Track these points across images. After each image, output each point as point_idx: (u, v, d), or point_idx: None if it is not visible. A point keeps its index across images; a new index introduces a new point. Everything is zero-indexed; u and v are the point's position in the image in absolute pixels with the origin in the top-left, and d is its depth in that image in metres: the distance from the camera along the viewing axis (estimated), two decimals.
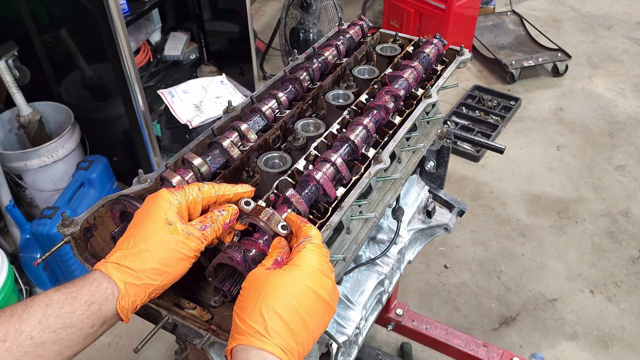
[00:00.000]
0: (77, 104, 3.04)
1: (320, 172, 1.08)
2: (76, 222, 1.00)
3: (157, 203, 0.88)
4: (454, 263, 2.94)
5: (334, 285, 0.87)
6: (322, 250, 0.88)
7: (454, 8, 3.95)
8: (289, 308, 0.79)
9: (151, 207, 0.88)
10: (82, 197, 2.78)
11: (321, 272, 0.85)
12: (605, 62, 4.62)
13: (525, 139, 3.81)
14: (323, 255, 0.87)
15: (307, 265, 0.84)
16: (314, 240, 0.88)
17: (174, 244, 0.85)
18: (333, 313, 0.87)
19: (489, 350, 2.19)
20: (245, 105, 1.32)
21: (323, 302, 0.83)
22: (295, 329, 0.79)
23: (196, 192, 0.93)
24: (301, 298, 0.81)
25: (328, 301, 0.84)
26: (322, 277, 0.84)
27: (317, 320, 0.83)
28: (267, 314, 0.78)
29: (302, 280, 0.82)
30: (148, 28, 3.44)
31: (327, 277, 0.85)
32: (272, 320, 0.78)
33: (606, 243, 3.05)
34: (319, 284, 0.83)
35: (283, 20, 3.99)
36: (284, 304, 0.79)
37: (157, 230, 0.85)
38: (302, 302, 0.81)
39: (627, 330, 2.61)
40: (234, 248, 0.91)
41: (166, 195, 0.90)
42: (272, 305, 0.79)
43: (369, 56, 1.66)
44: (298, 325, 0.80)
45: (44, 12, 2.93)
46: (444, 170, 1.78)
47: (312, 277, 0.83)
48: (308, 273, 0.83)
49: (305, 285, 0.82)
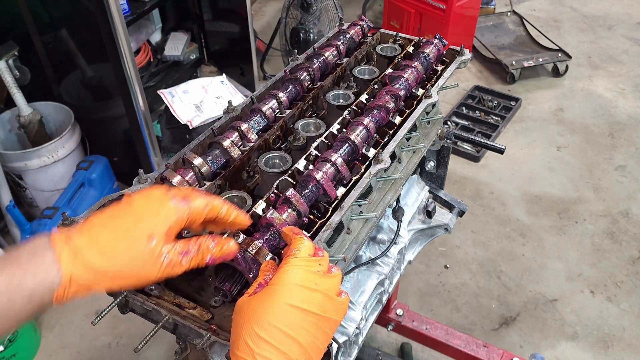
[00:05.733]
0: (77, 104, 3.04)
1: (321, 172, 1.08)
2: (76, 222, 1.00)
3: (154, 210, 0.81)
4: (454, 263, 2.94)
5: (326, 296, 0.82)
6: (307, 262, 0.84)
7: (455, 8, 3.95)
8: (272, 330, 0.77)
9: (145, 210, 0.81)
10: (82, 197, 2.78)
11: (301, 286, 0.81)
12: (605, 62, 4.62)
13: (525, 139, 3.81)
14: (306, 268, 0.83)
15: (283, 282, 0.81)
16: (298, 254, 0.84)
17: (142, 261, 0.78)
18: (331, 323, 0.83)
19: (489, 350, 2.19)
20: (246, 105, 1.32)
21: (312, 316, 0.80)
22: (286, 349, 0.76)
23: (200, 209, 0.85)
24: (283, 317, 0.78)
25: (319, 314, 0.80)
26: (304, 291, 0.80)
27: (311, 335, 0.79)
28: (251, 341, 0.76)
29: (280, 299, 0.79)
30: (148, 28, 3.44)
31: (311, 290, 0.81)
32: (258, 346, 0.76)
33: (606, 243, 3.05)
34: (301, 299, 0.79)
35: (283, 20, 3.99)
36: (267, 327, 0.77)
37: (136, 238, 0.78)
38: (285, 321, 0.78)
39: (628, 330, 2.61)
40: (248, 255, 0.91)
41: (167, 208, 0.82)
42: (256, 331, 0.77)
43: (369, 56, 1.66)
44: (288, 345, 0.77)
45: (44, 12, 2.93)
46: (444, 171, 1.78)
47: (292, 293, 0.79)
48: (286, 290, 0.80)
49: (284, 303, 0.78)
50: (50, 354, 2.55)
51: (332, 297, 0.83)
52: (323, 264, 0.86)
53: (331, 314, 0.83)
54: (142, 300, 1.01)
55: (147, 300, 1.01)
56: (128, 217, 0.80)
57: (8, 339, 2.33)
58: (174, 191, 0.85)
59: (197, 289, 1.05)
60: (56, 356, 2.55)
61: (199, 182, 1.10)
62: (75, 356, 2.54)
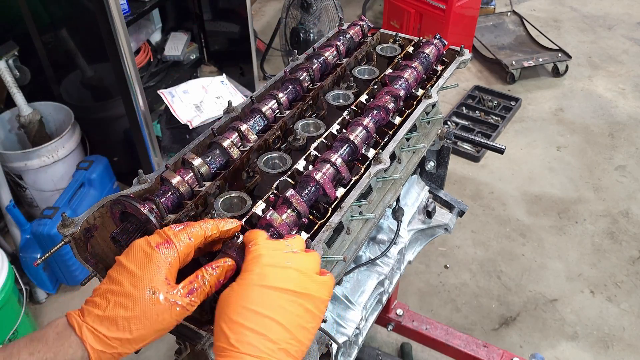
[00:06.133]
0: (77, 104, 3.04)
1: (320, 172, 1.08)
2: (76, 222, 1.00)
3: (144, 265, 0.81)
4: (454, 263, 2.94)
5: (302, 273, 0.82)
6: (272, 243, 0.85)
7: (454, 8, 3.94)
8: (247, 313, 0.77)
9: (137, 269, 0.81)
10: (82, 197, 2.78)
11: (271, 266, 0.81)
12: (605, 62, 4.62)
13: (525, 139, 3.81)
14: (272, 248, 0.84)
15: (252, 266, 0.82)
16: (258, 241, 0.86)
17: (156, 314, 0.79)
18: (315, 301, 0.82)
19: (489, 350, 2.19)
20: (246, 105, 1.32)
21: (290, 293, 0.80)
22: (263, 329, 0.76)
23: (187, 243, 0.86)
24: (256, 299, 0.78)
25: (297, 290, 0.80)
26: (275, 269, 0.81)
27: (292, 313, 0.79)
28: (227, 327, 0.77)
29: (251, 282, 0.80)
30: (148, 28, 3.44)
31: (283, 267, 0.81)
32: (234, 331, 0.76)
33: (606, 243, 3.05)
34: (274, 278, 0.80)
35: (283, 20, 3.99)
36: (241, 311, 0.77)
37: (140, 299, 0.79)
38: (259, 302, 0.78)
39: (628, 330, 2.61)
40: (234, 249, 0.91)
41: (156, 259, 0.82)
42: (230, 317, 0.77)
43: (369, 56, 1.66)
44: (265, 326, 0.77)
45: (44, 12, 2.93)
46: (444, 171, 1.78)
47: (262, 274, 0.80)
48: (256, 273, 0.81)
49: (256, 285, 0.79)
50: None
51: (309, 275, 0.83)
52: (293, 244, 0.87)
53: (312, 290, 0.82)
54: None
55: None
56: (125, 282, 0.81)
57: (8, 339, 2.33)
58: (155, 238, 0.85)
59: None
60: None
61: (199, 182, 1.10)
62: None
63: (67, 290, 2.82)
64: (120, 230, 0.98)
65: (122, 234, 0.97)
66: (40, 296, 2.75)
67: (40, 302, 2.75)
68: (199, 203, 1.08)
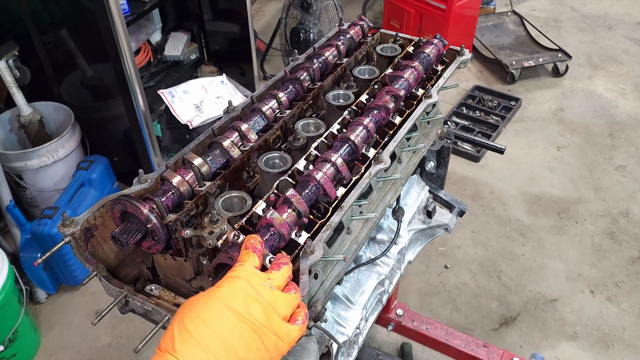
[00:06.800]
0: (77, 104, 3.04)
1: (321, 172, 1.08)
2: (76, 222, 1.00)
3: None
4: (454, 263, 2.94)
5: (268, 311, 0.81)
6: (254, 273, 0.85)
7: (455, 8, 3.94)
8: (201, 325, 0.77)
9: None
10: (82, 197, 2.78)
11: (243, 292, 0.81)
12: (605, 62, 4.62)
13: (525, 139, 3.81)
14: (251, 276, 0.84)
15: (227, 285, 0.82)
16: (245, 264, 0.86)
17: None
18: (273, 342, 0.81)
19: (489, 350, 2.19)
20: (246, 105, 1.32)
21: (248, 324, 0.79)
22: (208, 346, 0.76)
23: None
24: (215, 315, 0.78)
25: (256, 325, 0.79)
26: (245, 298, 0.81)
27: (245, 344, 0.78)
28: (177, 331, 0.77)
29: (218, 299, 0.80)
30: (148, 28, 3.44)
31: (253, 299, 0.81)
32: (182, 336, 0.76)
33: (606, 243, 3.05)
34: (240, 304, 0.80)
35: (283, 20, 3.99)
36: (195, 320, 0.78)
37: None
38: (216, 320, 0.78)
39: (628, 330, 2.61)
40: (234, 248, 0.91)
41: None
42: (185, 322, 0.78)
43: (370, 56, 1.66)
44: (212, 344, 0.76)
45: (45, 12, 2.93)
46: (444, 171, 1.78)
47: (232, 296, 0.80)
48: (228, 292, 0.81)
49: (222, 303, 0.79)
50: (50, 354, 2.55)
51: (274, 317, 0.82)
52: (276, 279, 0.86)
53: (274, 331, 0.81)
54: (142, 300, 1.01)
55: (147, 300, 1.02)
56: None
57: (8, 339, 2.33)
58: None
59: (196, 289, 1.05)
60: (56, 356, 2.55)
61: (199, 182, 1.10)
62: (75, 356, 2.54)
63: (67, 290, 2.82)
64: (121, 230, 0.98)
65: (122, 234, 0.97)
66: (40, 296, 2.75)
67: (40, 302, 2.75)
68: (199, 203, 1.08)
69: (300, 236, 1.02)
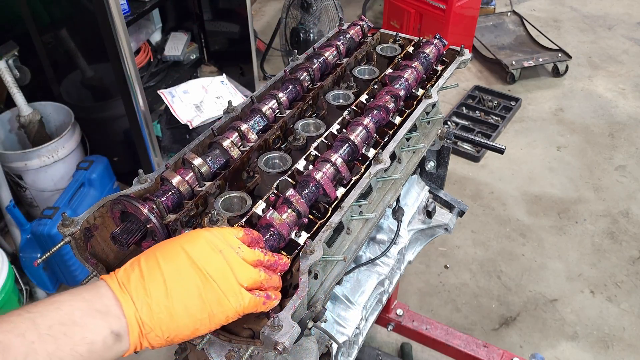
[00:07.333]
0: (77, 104, 3.04)
1: (321, 172, 1.08)
2: (76, 222, 1.00)
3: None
4: (454, 263, 2.94)
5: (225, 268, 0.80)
6: (225, 232, 0.85)
7: (455, 8, 3.94)
8: (152, 259, 0.79)
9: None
10: (82, 197, 2.78)
11: (208, 242, 0.81)
12: (605, 62, 4.62)
13: (525, 140, 3.81)
14: (221, 235, 0.84)
15: (195, 233, 0.84)
16: (222, 227, 0.89)
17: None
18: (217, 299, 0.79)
19: (489, 350, 2.19)
20: (246, 105, 1.32)
21: (199, 273, 0.78)
22: (148, 277, 0.77)
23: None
24: (169, 254, 0.79)
25: (207, 276, 0.78)
26: (206, 247, 0.81)
27: (187, 291, 0.77)
28: (130, 264, 0.80)
29: (179, 241, 0.82)
30: (148, 28, 3.44)
31: (213, 250, 0.81)
32: (131, 264, 0.79)
33: (606, 243, 3.05)
34: (198, 251, 0.80)
35: (283, 20, 3.99)
36: (150, 256, 0.80)
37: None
38: (168, 258, 0.79)
39: (628, 330, 2.61)
40: None
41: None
42: (142, 255, 0.81)
43: (369, 56, 1.66)
44: (154, 282, 0.77)
45: (45, 12, 2.93)
46: (444, 171, 1.78)
47: (193, 242, 0.81)
48: (190, 237, 0.82)
49: (180, 245, 0.80)
50: None
51: (229, 275, 0.81)
52: (245, 251, 0.86)
53: (221, 286, 0.79)
54: None
55: None
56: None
57: None
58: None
59: None
60: None
61: (199, 182, 1.10)
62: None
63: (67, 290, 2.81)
64: (121, 230, 0.98)
65: (122, 234, 0.97)
66: (40, 296, 2.75)
67: None
68: (199, 203, 1.08)
69: (300, 236, 1.02)
